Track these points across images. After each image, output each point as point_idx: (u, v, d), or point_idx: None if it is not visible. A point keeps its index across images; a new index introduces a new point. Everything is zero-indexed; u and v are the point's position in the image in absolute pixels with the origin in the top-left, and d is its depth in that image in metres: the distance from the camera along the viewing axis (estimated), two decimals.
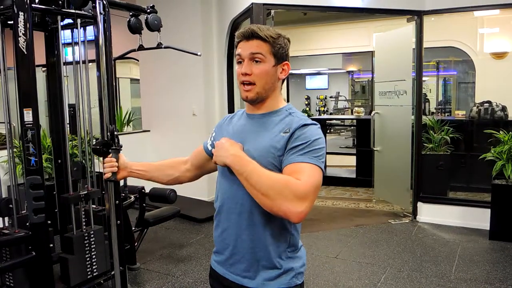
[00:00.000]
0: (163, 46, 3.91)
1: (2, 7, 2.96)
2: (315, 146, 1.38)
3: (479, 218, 4.94)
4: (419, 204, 5.43)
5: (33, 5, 2.77)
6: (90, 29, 3.45)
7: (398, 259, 4.20)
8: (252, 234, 1.45)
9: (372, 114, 6.16)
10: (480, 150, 5.37)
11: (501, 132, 4.95)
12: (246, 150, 1.43)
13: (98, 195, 3.43)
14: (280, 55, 1.48)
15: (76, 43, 3.41)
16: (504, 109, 5.96)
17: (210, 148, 1.66)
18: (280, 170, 1.40)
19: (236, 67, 1.51)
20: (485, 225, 4.77)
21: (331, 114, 15.65)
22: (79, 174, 3.29)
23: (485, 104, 6.11)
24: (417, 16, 5.22)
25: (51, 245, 3.13)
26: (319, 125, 1.46)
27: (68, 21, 3.39)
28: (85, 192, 3.31)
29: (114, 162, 1.75)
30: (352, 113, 13.14)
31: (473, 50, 7.37)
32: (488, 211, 4.74)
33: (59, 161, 3.63)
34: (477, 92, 7.39)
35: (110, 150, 1.79)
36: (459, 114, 6.77)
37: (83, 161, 3.39)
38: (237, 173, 1.37)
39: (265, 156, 1.41)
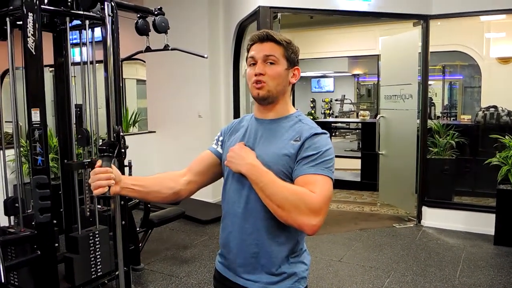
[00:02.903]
0: (170, 48, 3.93)
1: (11, 7, 2.98)
2: (326, 157, 1.39)
3: (484, 223, 4.92)
4: (424, 208, 5.41)
5: (42, 6, 2.80)
6: (98, 30, 3.48)
7: (402, 263, 4.20)
8: (257, 239, 1.45)
9: (377, 118, 6.16)
10: (486, 155, 5.35)
11: (506, 137, 4.93)
12: (258, 156, 1.43)
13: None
14: (292, 60, 1.50)
15: (84, 44, 3.44)
16: (510, 114, 5.94)
17: (221, 151, 1.62)
18: (289, 177, 1.41)
19: (248, 69, 1.51)
20: (490, 230, 4.75)
21: (336, 117, 15.65)
22: (83, 141, 3.30)
23: (491, 109, 6.10)
24: (424, 20, 5.22)
25: (56, 244, 3.15)
26: (328, 134, 1.47)
27: (76, 22, 3.41)
28: (89, 160, 3.33)
29: (110, 173, 1.43)
30: (357, 117, 13.12)
31: (479, 55, 7.36)
32: (493, 216, 4.72)
33: (65, 161, 3.65)
34: (483, 97, 7.38)
35: (101, 157, 1.48)
36: (465, 118, 6.76)
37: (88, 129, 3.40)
38: (252, 182, 1.38)
39: (275, 163, 1.41)
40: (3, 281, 2.64)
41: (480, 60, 7.40)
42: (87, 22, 3.26)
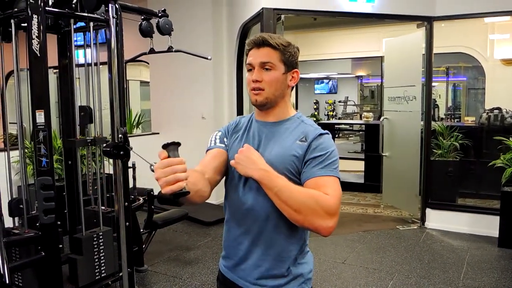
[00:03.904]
0: (173, 49, 3.94)
1: (16, 9, 3.00)
2: (333, 158, 1.41)
3: (488, 225, 4.91)
4: (428, 210, 5.40)
5: (46, 8, 2.81)
6: (102, 32, 3.50)
7: (406, 265, 4.18)
8: (265, 242, 1.45)
9: (381, 119, 6.15)
10: (490, 156, 5.34)
11: (510, 138, 4.92)
12: (264, 157, 1.42)
13: (103, 142, 3.40)
14: (290, 63, 1.49)
15: (88, 46, 3.45)
16: None
17: (227, 148, 1.57)
18: (296, 176, 1.42)
19: (246, 74, 1.52)
20: (494, 232, 4.74)
21: (339, 118, 15.62)
22: (86, 119, 3.29)
23: (495, 111, 6.09)
24: (427, 22, 5.21)
25: (60, 245, 3.16)
26: (330, 134, 1.49)
27: (80, 24, 3.43)
28: (92, 137, 3.34)
29: (185, 164, 1.16)
30: (361, 118, 13.10)
31: (483, 56, 7.34)
32: (497, 219, 4.70)
33: (69, 162, 3.67)
34: (487, 98, 7.36)
35: (166, 147, 1.19)
36: (469, 120, 6.75)
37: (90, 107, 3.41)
38: (265, 187, 1.37)
39: (282, 163, 1.42)
40: (7, 282, 2.65)
41: (484, 61, 7.38)
42: (91, 24, 3.27)
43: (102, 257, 3.37)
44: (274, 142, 1.48)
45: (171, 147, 1.18)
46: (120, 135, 1.98)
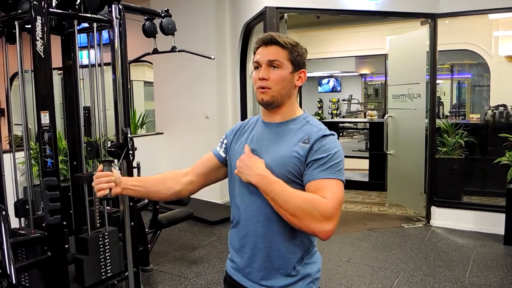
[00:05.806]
0: (177, 49, 3.95)
1: (20, 11, 3.01)
2: (336, 160, 1.39)
3: (494, 223, 4.89)
4: (433, 208, 5.38)
5: (50, 9, 2.82)
6: (105, 32, 3.51)
7: (411, 263, 4.18)
8: (271, 242, 1.45)
9: (385, 118, 6.13)
10: (495, 154, 5.31)
11: None
12: (265, 161, 1.43)
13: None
14: (298, 63, 1.49)
15: (92, 47, 3.47)
16: None
17: (223, 155, 1.63)
18: (298, 178, 1.41)
19: (253, 73, 1.51)
20: (500, 230, 4.72)
21: (343, 117, 15.62)
22: (93, 153, 3.33)
23: (500, 108, 6.06)
24: (431, 19, 5.19)
25: (66, 246, 3.17)
26: (336, 135, 1.47)
27: (84, 25, 3.44)
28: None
29: (110, 177, 1.57)
30: (365, 116, 13.09)
31: (488, 53, 7.31)
32: (502, 216, 4.68)
33: (74, 163, 3.68)
34: (492, 96, 7.33)
35: (102, 162, 1.61)
36: (474, 117, 6.72)
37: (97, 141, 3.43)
38: (263, 192, 1.38)
39: (284, 165, 1.41)
40: (14, 282, 2.66)
41: (488, 58, 7.35)
42: (94, 24, 3.29)
43: (108, 257, 3.38)
44: (276, 144, 1.47)
45: (106, 163, 1.59)
46: (121, 136, 1.99)
